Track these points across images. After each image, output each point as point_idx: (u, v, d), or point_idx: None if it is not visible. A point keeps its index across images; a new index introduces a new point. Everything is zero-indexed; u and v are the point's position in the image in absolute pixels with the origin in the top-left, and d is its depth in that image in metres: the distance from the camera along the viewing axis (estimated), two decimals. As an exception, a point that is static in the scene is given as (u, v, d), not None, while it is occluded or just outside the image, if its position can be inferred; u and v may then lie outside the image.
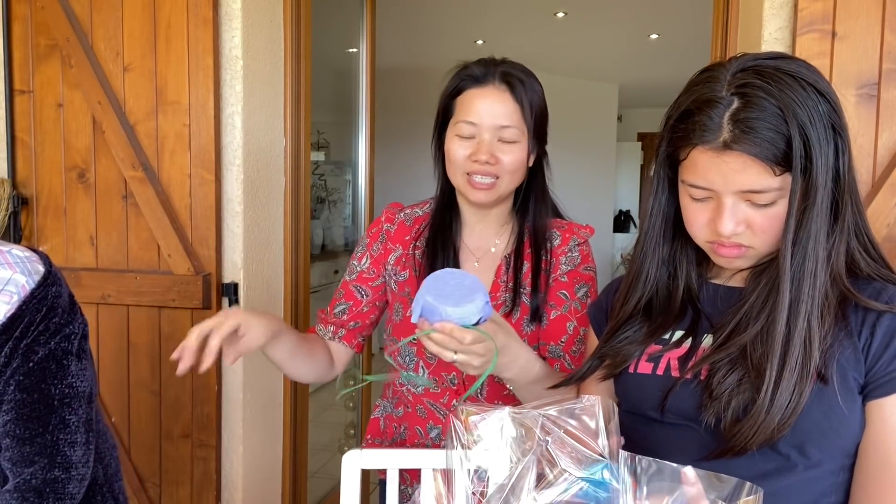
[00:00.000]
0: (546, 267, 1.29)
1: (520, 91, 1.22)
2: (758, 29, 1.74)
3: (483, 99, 1.21)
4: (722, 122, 0.81)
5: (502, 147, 1.22)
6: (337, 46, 3.31)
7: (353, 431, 3.21)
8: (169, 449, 2.03)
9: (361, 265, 1.38)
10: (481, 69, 1.23)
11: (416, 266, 1.33)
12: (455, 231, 1.33)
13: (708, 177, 0.84)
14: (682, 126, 0.86)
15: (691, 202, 0.89)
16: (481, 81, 1.22)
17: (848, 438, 0.85)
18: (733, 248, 0.87)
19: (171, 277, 1.96)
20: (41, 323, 1.06)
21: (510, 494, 0.71)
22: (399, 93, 5.78)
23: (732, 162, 0.81)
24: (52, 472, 1.06)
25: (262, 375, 2.12)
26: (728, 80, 0.83)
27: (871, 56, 1.62)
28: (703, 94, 0.84)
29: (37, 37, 2.04)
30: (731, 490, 0.66)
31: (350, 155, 3.27)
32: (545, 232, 1.31)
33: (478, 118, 1.21)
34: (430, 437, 1.33)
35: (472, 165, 1.22)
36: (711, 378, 0.86)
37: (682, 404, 0.90)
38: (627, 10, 4.42)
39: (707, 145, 0.82)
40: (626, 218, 8.65)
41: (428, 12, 4.49)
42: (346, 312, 1.37)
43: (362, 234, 1.42)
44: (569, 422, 0.75)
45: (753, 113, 0.80)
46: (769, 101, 0.80)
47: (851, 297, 0.86)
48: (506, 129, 1.21)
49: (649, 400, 0.93)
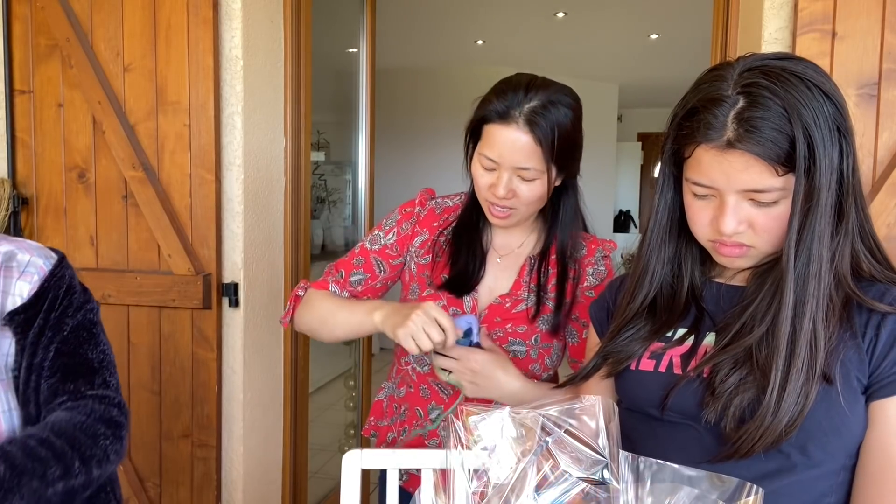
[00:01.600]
0: (574, 276, 1.31)
1: (543, 129, 1.17)
2: (758, 29, 1.74)
3: (504, 139, 1.18)
4: (726, 121, 0.81)
5: (521, 183, 1.21)
6: (337, 46, 3.31)
7: (353, 431, 3.21)
8: (169, 449, 2.03)
9: (387, 239, 1.38)
10: (504, 104, 1.18)
11: (439, 252, 1.34)
12: (482, 228, 1.35)
13: (711, 175, 0.84)
14: (688, 123, 0.86)
15: (694, 200, 0.89)
16: (505, 119, 1.18)
17: (850, 439, 0.85)
18: (735, 247, 0.88)
19: (171, 277, 1.96)
20: (64, 298, 1.10)
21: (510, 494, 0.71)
22: (399, 93, 5.78)
23: (735, 161, 0.81)
24: (111, 412, 1.06)
25: (262, 375, 2.12)
26: (734, 79, 0.84)
27: (871, 56, 1.62)
28: (709, 92, 0.85)
29: (37, 37, 2.04)
30: (732, 490, 0.66)
31: (350, 155, 3.27)
32: (574, 240, 1.32)
33: (498, 157, 1.20)
34: (429, 417, 1.34)
35: (491, 196, 1.23)
36: (714, 376, 0.86)
37: (683, 402, 0.90)
38: (627, 10, 4.42)
39: (711, 143, 0.83)
40: (626, 218, 8.66)
41: (428, 12, 4.49)
42: (361, 283, 1.37)
43: (392, 211, 1.42)
44: (569, 422, 0.76)
45: (758, 112, 0.80)
46: (774, 101, 0.80)
47: (856, 299, 0.86)
48: (525, 171, 1.20)
49: (651, 397, 0.94)
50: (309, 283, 1.41)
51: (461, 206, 1.38)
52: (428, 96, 5.91)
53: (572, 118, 1.21)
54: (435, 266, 1.34)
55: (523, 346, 1.30)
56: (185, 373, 2.00)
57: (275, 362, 2.20)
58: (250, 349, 2.05)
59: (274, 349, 2.19)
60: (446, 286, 1.31)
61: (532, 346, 1.30)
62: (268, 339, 2.13)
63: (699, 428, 0.88)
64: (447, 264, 1.33)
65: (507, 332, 1.30)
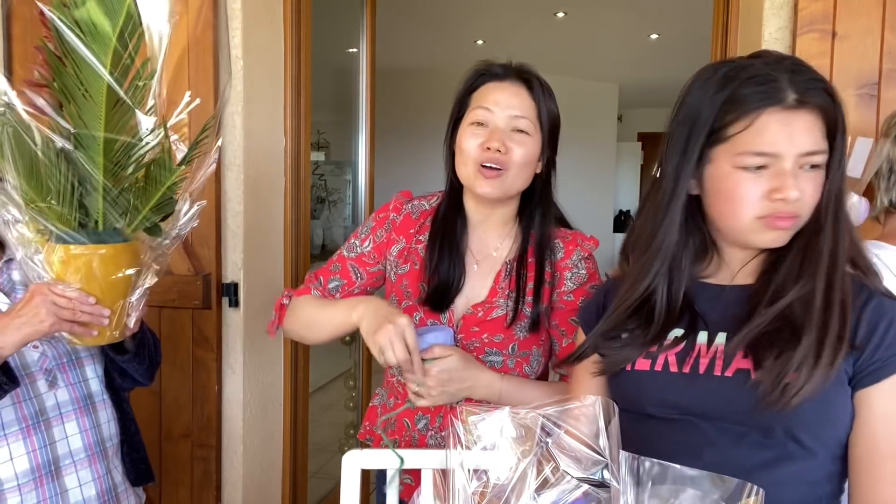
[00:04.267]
0: (550, 279, 1.29)
1: (537, 91, 1.26)
2: (758, 29, 1.74)
3: (501, 91, 1.25)
4: (788, 87, 0.85)
5: (514, 137, 1.23)
6: (337, 46, 3.31)
7: (353, 431, 3.21)
8: (169, 449, 2.03)
9: (363, 247, 1.38)
10: (501, 68, 1.27)
11: (417, 261, 1.34)
12: (460, 233, 1.33)
13: (776, 140, 0.86)
14: (743, 97, 0.87)
15: (744, 176, 0.88)
16: (500, 77, 1.26)
17: (840, 428, 0.87)
18: (790, 218, 0.88)
19: (171, 277, 1.96)
20: None
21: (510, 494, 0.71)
22: (399, 93, 5.78)
23: (801, 121, 0.85)
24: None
25: (262, 375, 2.12)
26: (768, 63, 0.88)
27: (871, 56, 1.62)
28: (755, 71, 0.87)
29: (37, 37, 2.03)
30: (732, 490, 0.66)
31: (350, 155, 3.27)
32: (549, 241, 1.31)
33: (494, 104, 1.24)
34: (416, 428, 1.34)
35: (483, 154, 1.23)
36: (757, 342, 0.88)
37: (683, 399, 0.91)
38: (627, 10, 4.43)
39: (779, 105, 0.85)
40: (626, 218, 8.66)
41: (428, 12, 4.49)
42: (338, 290, 1.38)
43: (368, 218, 1.43)
44: (569, 422, 0.75)
45: (812, 82, 0.86)
46: (814, 73, 0.88)
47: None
48: (520, 120, 1.23)
49: (649, 397, 0.94)
50: (292, 292, 1.41)
51: (439, 206, 1.36)
52: (428, 96, 5.90)
53: (556, 107, 1.29)
54: (414, 274, 1.34)
55: (500, 356, 1.29)
56: (185, 373, 2.00)
57: (275, 362, 2.20)
58: (250, 349, 2.05)
59: (274, 349, 2.18)
60: (426, 302, 1.30)
61: (509, 355, 1.29)
62: (268, 339, 2.13)
63: (700, 423, 0.90)
64: (425, 274, 1.32)
65: (483, 342, 1.28)
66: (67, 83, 1.02)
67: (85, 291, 1.09)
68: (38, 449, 1.18)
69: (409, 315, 1.20)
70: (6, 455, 1.15)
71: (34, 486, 1.17)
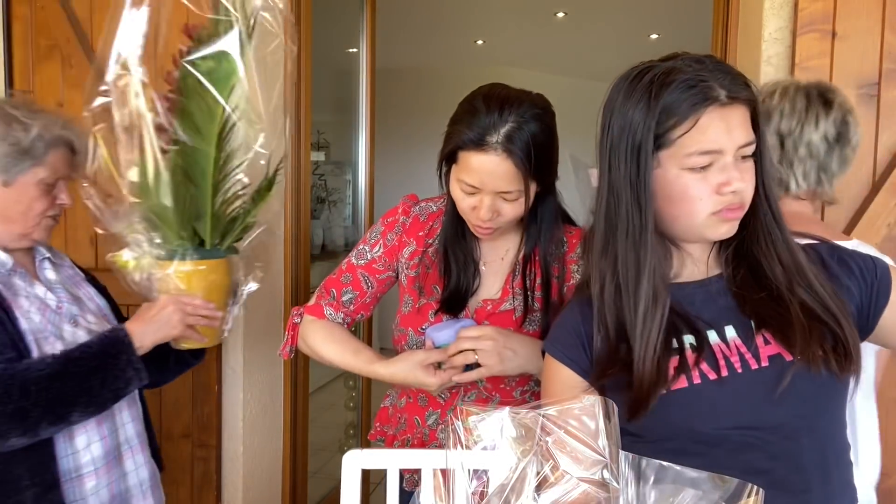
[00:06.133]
0: (558, 274, 1.30)
1: (521, 151, 1.16)
2: (758, 29, 1.74)
3: (483, 166, 1.17)
4: (718, 85, 0.88)
5: (503, 203, 1.21)
6: (337, 46, 3.31)
7: (353, 431, 3.21)
8: (169, 449, 2.03)
9: (374, 252, 1.38)
10: (479, 131, 1.16)
11: (430, 263, 1.34)
12: (468, 239, 1.34)
13: (717, 137, 0.87)
14: (681, 100, 0.87)
15: (692, 177, 0.89)
16: (481, 146, 1.16)
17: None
18: (739, 208, 0.91)
19: (171, 277, 1.96)
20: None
21: (510, 494, 0.71)
22: (399, 93, 5.78)
23: (735, 115, 0.88)
24: None
25: (262, 375, 2.12)
26: (693, 65, 0.90)
27: (871, 56, 1.62)
28: (685, 75, 0.88)
29: (37, 37, 2.03)
30: (732, 490, 0.67)
31: (350, 155, 3.27)
32: (556, 244, 1.32)
33: (479, 183, 1.19)
34: (426, 424, 1.35)
35: (475, 218, 1.23)
36: (770, 323, 0.92)
37: (742, 404, 0.89)
38: (627, 10, 4.42)
39: (717, 103, 0.87)
40: (626, 218, 8.63)
41: (428, 12, 4.49)
42: (353, 302, 1.39)
43: (375, 223, 1.42)
44: (569, 422, 0.75)
45: (735, 73, 0.90)
46: (738, 72, 0.91)
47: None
48: (507, 193, 1.20)
49: (702, 414, 0.89)
50: (303, 309, 1.41)
51: (444, 215, 1.36)
52: (428, 96, 5.90)
53: (545, 128, 1.20)
54: (427, 277, 1.35)
55: None
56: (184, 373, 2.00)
57: (275, 362, 2.20)
58: (250, 349, 2.05)
59: (274, 349, 2.18)
60: (442, 306, 1.31)
61: None
62: (268, 340, 2.13)
63: (766, 437, 0.87)
64: (439, 277, 1.33)
65: None
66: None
67: (205, 300, 1.30)
68: (108, 436, 1.30)
69: (425, 312, 1.28)
70: (85, 441, 1.25)
71: (106, 470, 1.29)
